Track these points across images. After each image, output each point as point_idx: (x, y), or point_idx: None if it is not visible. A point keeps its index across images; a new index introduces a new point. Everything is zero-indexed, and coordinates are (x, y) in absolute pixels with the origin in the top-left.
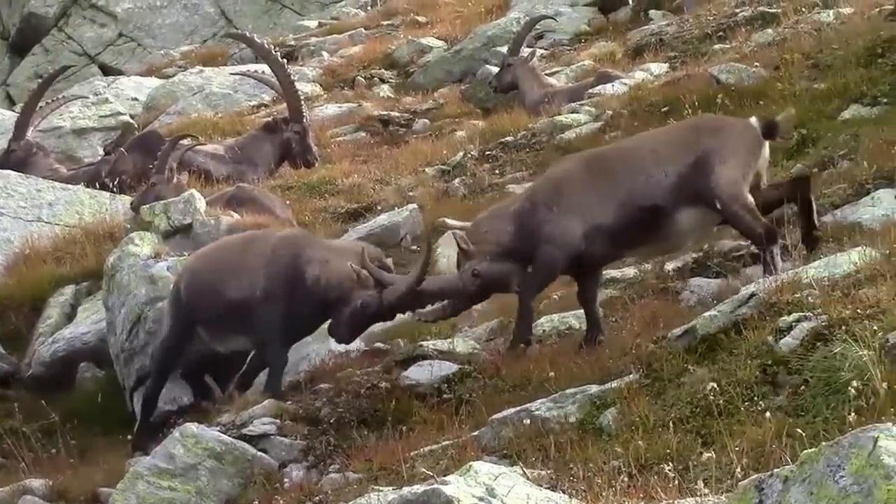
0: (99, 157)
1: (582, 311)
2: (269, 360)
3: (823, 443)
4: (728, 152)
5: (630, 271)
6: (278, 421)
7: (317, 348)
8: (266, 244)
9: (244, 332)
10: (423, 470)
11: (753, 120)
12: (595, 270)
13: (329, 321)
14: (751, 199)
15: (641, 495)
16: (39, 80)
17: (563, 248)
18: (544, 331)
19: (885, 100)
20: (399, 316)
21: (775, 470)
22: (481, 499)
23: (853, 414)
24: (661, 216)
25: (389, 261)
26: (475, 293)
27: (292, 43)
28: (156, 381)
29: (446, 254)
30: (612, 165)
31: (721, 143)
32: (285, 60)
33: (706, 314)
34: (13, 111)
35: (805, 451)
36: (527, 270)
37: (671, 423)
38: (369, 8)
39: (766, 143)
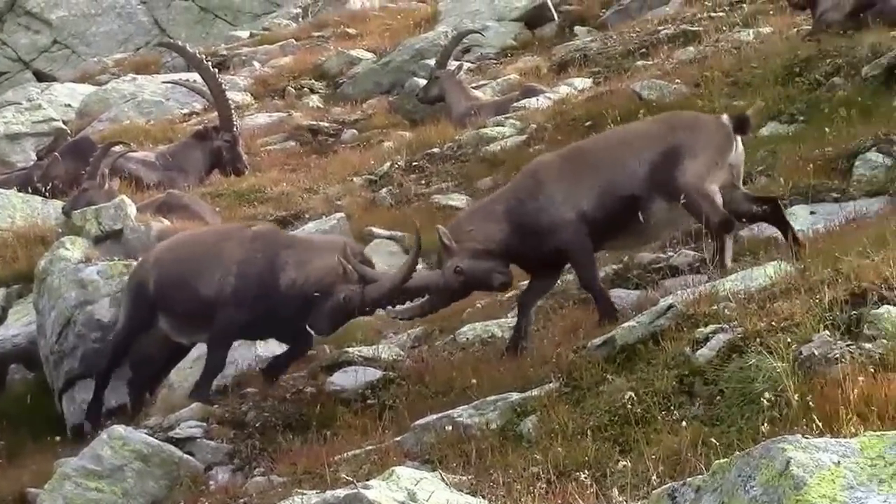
0: (32, 162)
1: (504, 319)
2: (208, 359)
3: (736, 453)
4: (698, 148)
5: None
6: (205, 424)
7: (244, 353)
8: (240, 240)
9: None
10: (345, 476)
11: (725, 117)
12: (560, 267)
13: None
14: (714, 190)
15: (559, 501)
16: None
17: (571, 228)
18: (467, 339)
19: (801, 118)
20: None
21: (688, 479)
22: (402, 503)
23: (766, 424)
24: (638, 206)
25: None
26: (457, 290)
27: (224, 53)
28: (110, 364)
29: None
30: (590, 157)
31: (693, 138)
32: (217, 70)
33: (625, 325)
34: None
35: (717, 462)
36: (507, 268)
37: (589, 431)
38: (300, 20)
39: (739, 139)
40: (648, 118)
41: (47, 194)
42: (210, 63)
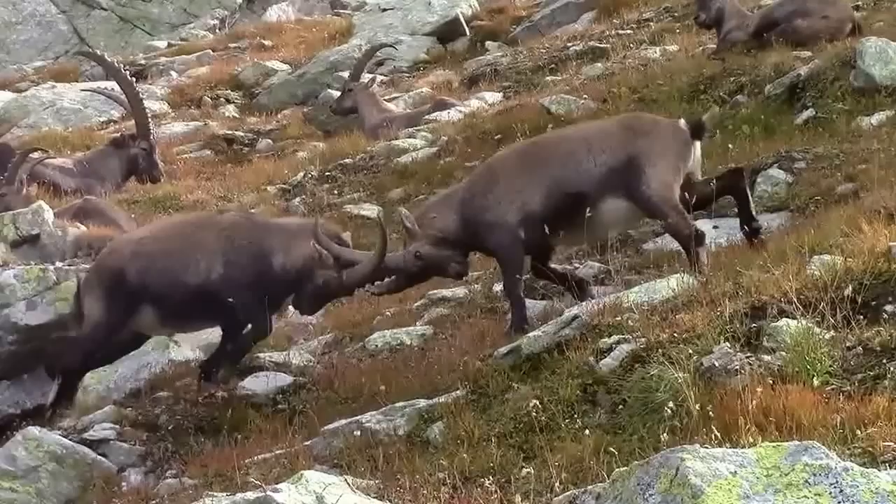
0: None
1: (412, 328)
2: (241, 337)
3: (635, 461)
4: (658, 155)
5: (460, 291)
6: (118, 426)
7: (157, 357)
8: (216, 227)
9: (208, 316)
10: (254, 480)
11: (682, 122)
12: (538, 256)
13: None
14: (677, 199)
15: None
16: None
17: (508, 232)
18: (376, 346)
19: (706, 134)
20: None
21: (589, 486)
22: None
23: (667, 433)
24: (587, 204)
25: (347, 235)
26: (415, 274)
27: (142, 62)
28: (86, 361)
29: None
30: (544, 152)
31: (652, 145)
32: (134, 79)
33: (531, 334)
34: None
35: (617, 470)
36: (466, 259)
37: (495, 438)
38: (217, 31)
39: (696, 143)
40: (608, 118)
41: None
42: (128, 72)
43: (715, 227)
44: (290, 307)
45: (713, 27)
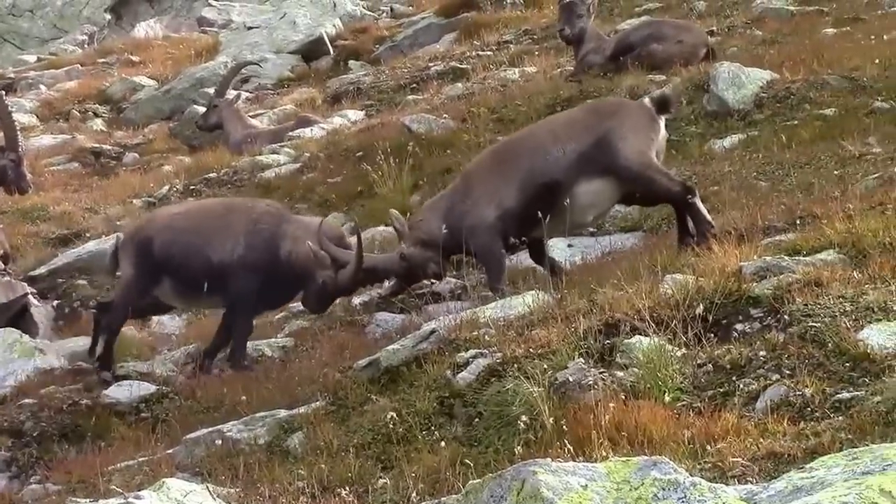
0: None
1: (273, 339)
2: (236, 327)
3: (489, 474)
4: (628, 129)
5: None
6: None
7: (22, 365)
8: (249, 212)
9: (218, 294)
10: (116, 487)
11: (646, 100)
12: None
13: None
14: (658, 163)
15: None
16: None
17: (487, 233)
18: None
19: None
20: None
21: (443, 498)
22: None
23: (522, 446)
24: (561, 191)
25: (353, 239)
26: (403, 275)
27: (11, 76)
28: (118, 317)
29: None
30: (513, 150)
31: (620, 121)
32: (3, 92)
33: (390, 347)
34: None
35: (471, 482)
36: (445, 259)
37: (353, 449)
38: (86, 46)
39: (662, 121)
40: (575, 108)
41: None
42: None
43: (570, 245)
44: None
45: (574, 44)
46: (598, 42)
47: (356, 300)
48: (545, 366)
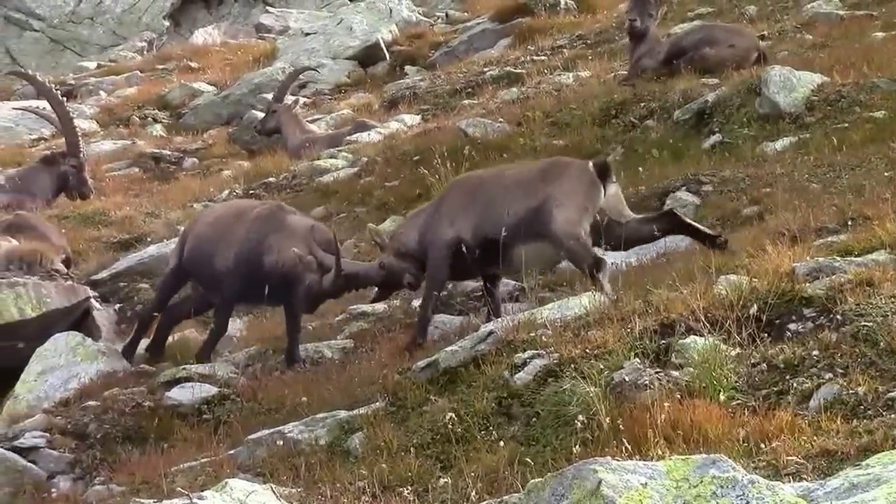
0: None
1: (333, 341)
2: (214, 324)
3: (550, 473)
4: (564, 196)
5: (380, 306)
6: (48, 435)
7: (86, 367)
8: (247, 220)
9: (250, 297)
10: (180, 488)
11: (591, 163)
12: (478, 277)
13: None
14: (584, 234)
15: None
16: None
17: (438, 251)
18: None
19: (616, 157)
20: None
21: (505, 497)
22: None
23: (579, 445)
24: (502, 247)
25: (349, 243)
26: (382, 283)
27: (72, 82)
28: (153, 307)
29: None
30: (481, 192)
31: (559, 188)
32: (65, 98)
33: (448, 349)
34: None
35: (532, 481)
36: (421, 271)
37: (413, 449)
38: (145, 52)
39: (607, 182)
40: (531, 164)
41: None
42: (59, 92)
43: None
44: None
45: (636, 40)
46: (652, 45)
47: (415, 302)
48: (601, 366)
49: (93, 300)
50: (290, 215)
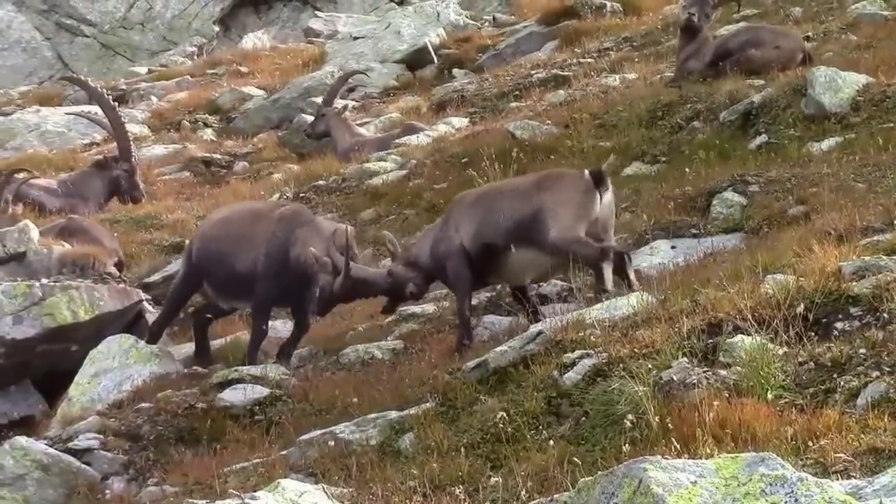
0: None
1: (383, 342)
2: (253, 329)
3: (599, 471)
4: (559, 206)
5: (430, 307)
6: (101, 436)
7: (139, 369)
8: (270, 221)
9: (247, 298)
10: (232, 490)
11: (586, 172)
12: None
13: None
14: (582, 234)
15: None
16: None
17: (453, 261)
18: (349, 360)
19: (663, 158)
20: None
21: (555, 496)
22: None
23: (628, 444)
24: (498, 253)
25: (367, 252)
26: (387, 291)
27: (123, 87)
28: (165, 316)
29: None
30: (482, 201)
31: (554, 198)
32: (116, 103)
33: (498, 349)
34: None
35: (582, 479)
36: (426, 282)
37: (463, 448)
38: (195, 57)
39: (601, 191)
40: (530, 175)
41: None
42: (110, 97)
43: (673, 246)
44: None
45: (688, 35)
46: (700, 45)
47: None
48: (650, 365)
49: (145, 303)
50: (314, 216)
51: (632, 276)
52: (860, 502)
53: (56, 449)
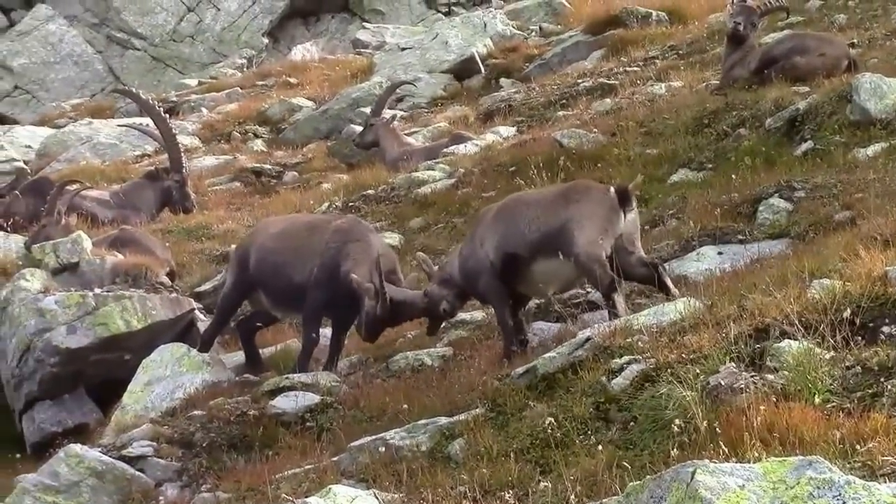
0: None
1: (433, 349)
2: (303, 339)
3: (648, 476)
4: (585, 219)
5: (478, 314)
6: (155, 444)
7: (191, 378)
8: (325, 233)
9: (302, 308)
10: (284, 495)
11: (612, 190)
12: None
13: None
14: (605, 256)
15: None
16: None
17: (485, 273)
18: (399, 367)
19: (709, 165)
20: None
21: (604, 500)
22: None
23: (676, 449)
24: (522, 264)
25: (412, 277)
26: (425, 311)
27: (174, 99)
28: (216, 326)
29: None
30: (505, 213)
31: (580, 211)
32: (167, 115)
33: (546, 355)
34: None
35: (631, 484)
36: (460, 300)
37: (513, 454)
38: (245, 69)
39: (626, 210)
40: (553, 187)
41: (9, 229)
42: (161, 108)
43: (719, 252)
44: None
45: (734, 44)
46: (746, 53)
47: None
48: (697, 370)
49: (197, 312)
50: (369, 232)
51: (669, 284)
52: None
53: (110, 456)
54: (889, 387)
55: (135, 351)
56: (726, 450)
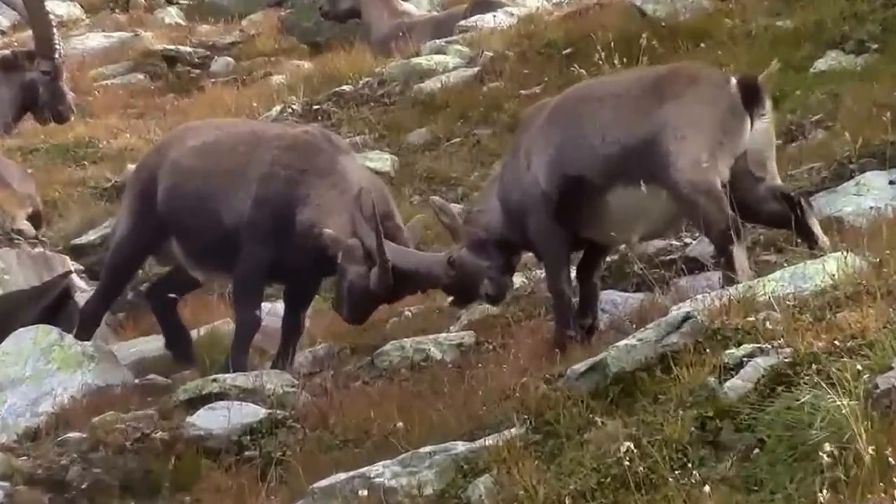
0: None
1: (444, 334)
2: (237, 318)
3: None
4: (689, 126)
5: (516, 279)
6: (7, 485)
7: (65, 379)
8: (270, 148)
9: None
10: None
11: (733, 80)
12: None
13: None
14: (719, 184)
15: None
16: None
17: (533, 207)
18: (391, 362)
19: (874, 45)
20: None
21: None
22: None
23: (827, 490)
24: (592, 194)
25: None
26: (449, 287)
27: None
28: (104, 297)
29: None
30: (564, 115)
31: (681, 113)
32: None
33: (621, 343)
34: None
35: None
36: (508, 275)
37: (569, 499)
38: None
39: (756, 113)
40: (640, 71)
41: None
42: None
43: (891, 181)
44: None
45: None
46: None
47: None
48: (859, 367)
49: (75, 276)
50: (342, 155)
51: (816, 229)
52: None
53: None
54: None
55: None
56: None
